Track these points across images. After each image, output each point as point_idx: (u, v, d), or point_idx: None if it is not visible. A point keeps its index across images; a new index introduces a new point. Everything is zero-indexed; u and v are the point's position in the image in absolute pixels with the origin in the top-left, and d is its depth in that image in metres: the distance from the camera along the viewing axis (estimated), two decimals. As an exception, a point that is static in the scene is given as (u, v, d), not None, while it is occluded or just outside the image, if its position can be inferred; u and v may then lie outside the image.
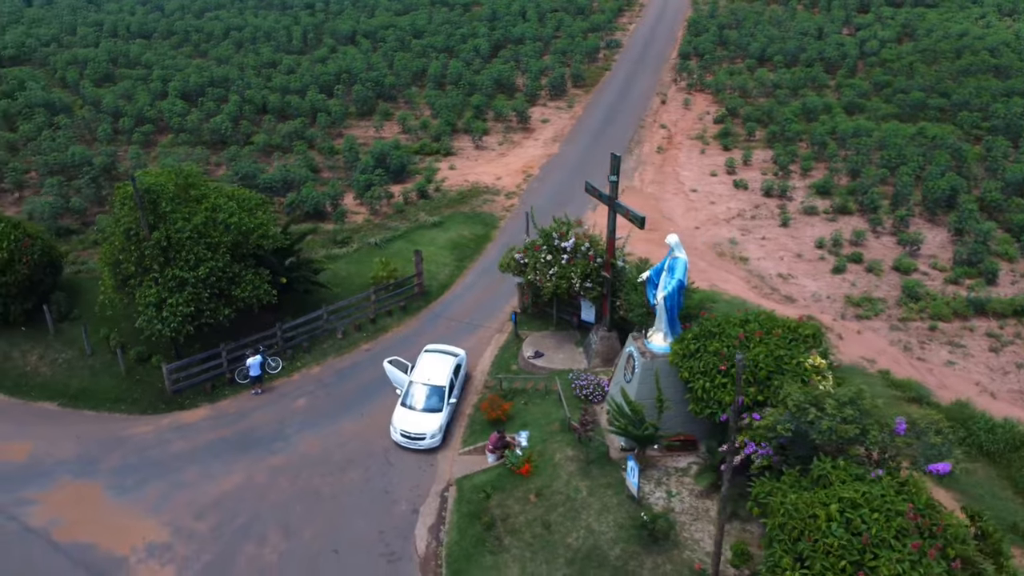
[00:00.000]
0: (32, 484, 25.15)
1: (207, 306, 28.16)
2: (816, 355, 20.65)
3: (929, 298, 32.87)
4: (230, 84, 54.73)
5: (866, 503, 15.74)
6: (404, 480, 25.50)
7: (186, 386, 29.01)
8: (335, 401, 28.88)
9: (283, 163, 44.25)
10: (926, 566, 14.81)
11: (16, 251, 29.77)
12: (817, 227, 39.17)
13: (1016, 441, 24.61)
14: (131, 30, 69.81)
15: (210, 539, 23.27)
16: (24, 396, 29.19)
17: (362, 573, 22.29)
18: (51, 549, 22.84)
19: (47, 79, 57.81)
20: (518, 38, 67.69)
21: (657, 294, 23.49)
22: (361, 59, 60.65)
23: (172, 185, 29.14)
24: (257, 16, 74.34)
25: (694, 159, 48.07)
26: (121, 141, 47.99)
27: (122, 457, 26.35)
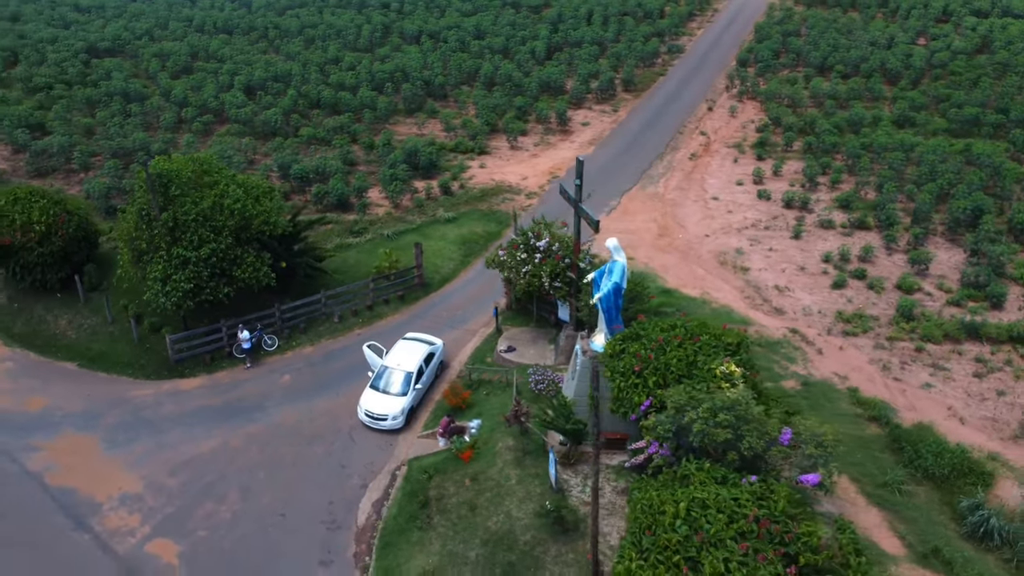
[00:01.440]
0: (39, 433, 28.18)
1: (207, 284, 30.63)
2: (730, 362, 21.04)
3: (924, 319, 32.11)
4: (290, 79, 57.89)
5: (715, 504, 16.28)
6: (362, 457, 27.20)
7: (187, 356, 31.62)
8: (318, 380, 30.88)
9: (320, 155, 46.70)
10: (752, 567, 15.27)
11: (54, 225, 33.11)
12: (830, 241, 38.61)
13: (963, 467, 24.22)
14: (216, 26, 74.42)
15: (177, 494, 25.60)
16: (50, 355, 32.46)
17: (302, 537, 24.10)
18: (41, 491, 25.67)
19: (132, 70, 62.53)
20: (576, 41, 68.48)
21: (593, 296, 24.20)
22: (419, 58, 62.86)
23: (188, 171, 31.79)
24: (333, 15, 77.71)
25: (725, 167, 47.88)
26: (184, 130, 51.67)
27: (120, 416, 29.11)
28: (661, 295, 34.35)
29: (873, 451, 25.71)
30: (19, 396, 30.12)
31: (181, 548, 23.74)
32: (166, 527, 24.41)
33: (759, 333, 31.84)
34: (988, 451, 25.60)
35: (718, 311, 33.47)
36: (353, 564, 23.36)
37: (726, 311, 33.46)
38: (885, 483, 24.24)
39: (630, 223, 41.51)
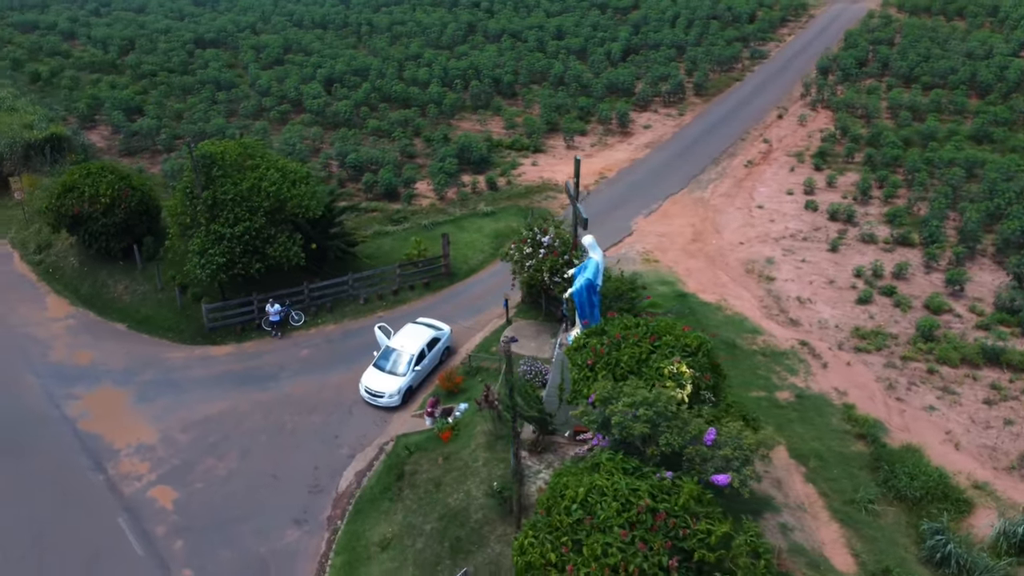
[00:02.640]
0: (81, 384, 31.28)
1: (240, 259, 33.06)
2: (681, 363, 21.29)
3: (944, 340, 30.96)
4: (367, 73, 60.60)
5: (611, 492, 16.84)
6: (356, 430, 28.87)
7: (220, 325, 34.19)
8: (334, 356, 32.79)
9: (379, 147, 48.90)
10: (631, 554, 15.79)
11: (118, 198, 36.41)
12: (868, 255, 37.52)
13: (938, 492, 23.57)
14: (314, 21, 78.45)
15: (185, 448, 28.00)
16: (106, 316, 35.77)
17: (285, 497, 25.96)
18: (72, 434, 28.63)
19: (229, 60, 66.93)
20: (655, 44, 68.34)
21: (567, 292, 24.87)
22: (493, 57, 64.40)
23: (234, 155, 34.36)
24: (424, 13, 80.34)
25: (779, 176, 47.04)
26: (263, 117, 55.07)
27: (153, 374, 31.91)
28: (676, 299, 34.56)
29: (852, 468, 25.28)
30: (73, 350, 33.44)
31: (178, 496, 26.04)
32: (169, 476, 26.80)
33: (766, 343, 31.57)
34: (976, 479, 24.71)
35: (731, 318, 33.35)
36: (325, 526, 25.01)
37: (739, 319, 33.30)
38: (853, 500, 23.86)
39: (666, 226, 41.58)
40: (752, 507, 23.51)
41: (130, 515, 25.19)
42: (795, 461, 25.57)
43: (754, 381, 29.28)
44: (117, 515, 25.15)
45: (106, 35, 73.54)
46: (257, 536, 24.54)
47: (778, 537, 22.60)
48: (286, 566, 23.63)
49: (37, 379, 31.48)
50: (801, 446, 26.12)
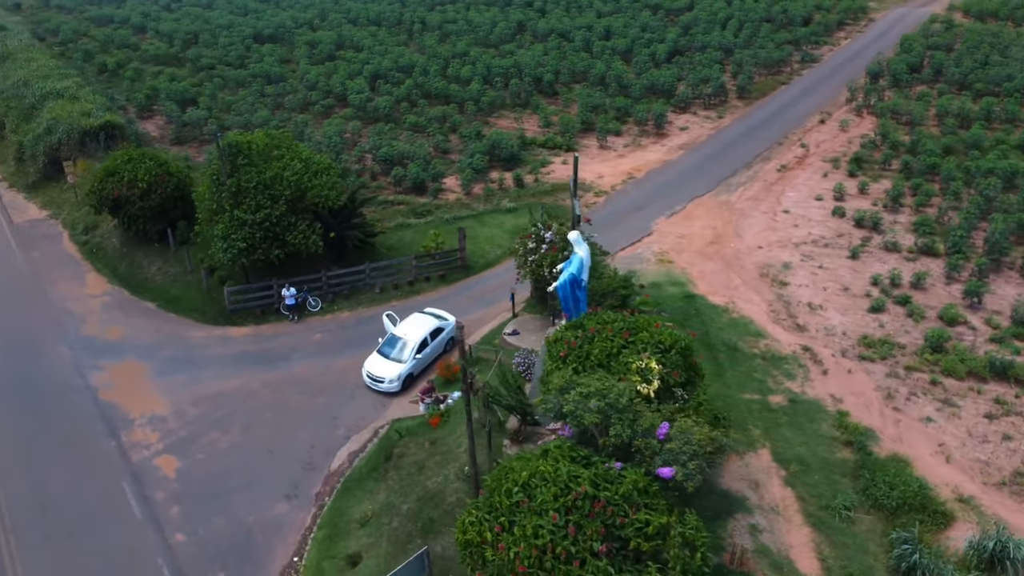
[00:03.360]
0: (108, 356, 33.20)
1: (260, 245, 34.53)
2: (650, 359, 21.57)
3: (953, 352, 30.28)
4: (412, 70, 61.92)
5: (552, 478, 17.33)
6: (355, 412, 29.95)
7: (241, 308, 35.74)
8: (345, 341, 33.95)
9: (413, 142, 50.05)
10: (560, 536, 16.27)
11: (155, 183, 38.39)
12: (889, 264, 36.82)
13: (916, 502, 23.25)
14: (368, 18, 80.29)
15: (192, 421, 29.52)
16: (138, 295, 37.76)
17: (279, 472, 27.17)
18: (92, 402, 30.47)
19: (284, 55, 69.16)
20: (703, 46, 67.84)
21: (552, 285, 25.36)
22: (538, 56, 64.98)
23: (261, 145, 35.88)
24: (477, 11, 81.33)
25: (812, 181, 46.35)
26: (309, 111, 56.88)
27: (174, 351, 33.63)
28: (684, 300, 34.64)
29: (834, 475, 25.08)
30: (105, 325, 35.47)
31: (180, 465, 27.53)
32: (175, 447, 28.32)
33: (768, 347, 31.40)
34: (962, 493, 24.22)
35: (736, 321, 33.26)
36: (313, 501, 26.11)
37: (745, 322, 33.18)
38: (829, 506, 23.72)
39: (687, 228, 41.54)
40: (725, 507, 23.77)
41: (134, 480, 26.75)
42: (777, 464, 25.48)
43: (749, 384, 29.20)
44: (122, 479, 26.74)
45: (173, 29, 76.79)
46: (248, 506, 25.78)
47: (746, 537, 22.70)
48: (271, 536, 24.78)
49: (69, 350, 33.53)
50: (786, 450, 26.01)
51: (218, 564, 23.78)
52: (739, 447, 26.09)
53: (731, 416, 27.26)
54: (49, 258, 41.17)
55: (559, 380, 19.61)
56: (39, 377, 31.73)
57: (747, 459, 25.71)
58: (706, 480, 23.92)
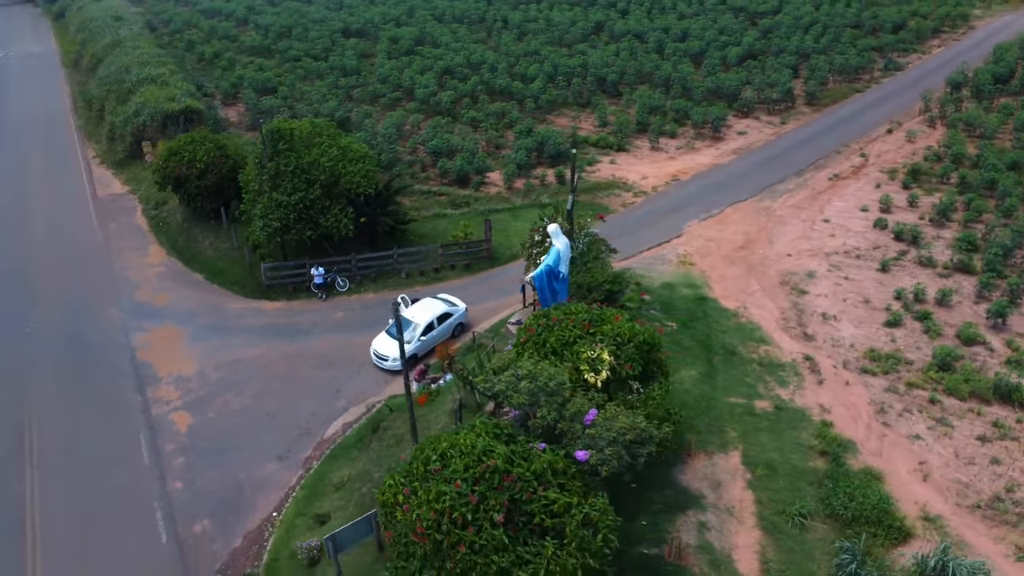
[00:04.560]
0: (151, 320, 36.23)
1: (294, 225, 36.84)
2: (603, 349, 22.22)
3: (960, 371, 29.29)
4: (480, 67, 63.59)
5: (468, 450, 18.36)
6: (358, 386, 31.70)
7: (276, 284, 38.17)
8: (364, 321, 35.77)
9: (465, 136, 51.62)
10: (460, 503, 17.30)
11: (211, 164, 41.42)
12: (920, 279, 35.68)
13: (871, 515, 22.98)
14: (454, 16, 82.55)
15: (212, 383, 32.00)
16: (190, 267, 40.81)
17: (276, 435, 29.20)
18: (129, 360, 33.42)
19: (365, 49, 72.17)
20: (779, 50, 66.55)
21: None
22: (608, 56, 65.43)
23: (305, 131, 38.21)
24: (559, 11, 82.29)
25: (862, 192, 45.14)
26: (377, 104, 59.40)
27: (210, 319, 36.34)
28: (694, 302, 34.76)
29: (801, 482, 24.95)
30: (155, 292, 38.63)
31: (192, 421, 29.97)
32: (192, 405, 30.82)
33: (767, 353, 31.23)
34: (930, 512, 23.67)
35: (742, 326, 33.16)
36: (301, 464, 27.97)
37: (751, 327, 33.04)
38: (784, 512, 23.69)
39: (719, 232, 41.38)
40: (679, 503, 24.18)
41: (150, 432, 29.36)
42: (744, 467, 25.53)
43: (737, 388, 29.21)
44: (140, 431, 29.39)
45: (270, 23, 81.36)
46: (243, 464, 27.89)
47: (692, 534, 23.05)
48: (257, 492, 26.77)
49: (120, 312, 36.77)
50: (757, 454, 26.00)
51: (206, 512, 25.95)
52: (709, 447, 26.29)
53: (709, 418, 27.53)
54: (122, 229, 44.94)
55: (498, 362, 20.58)
56: (89, 335, 35.01)
57: (715, 459, 25.88)
58: (666, 475, 24.59)
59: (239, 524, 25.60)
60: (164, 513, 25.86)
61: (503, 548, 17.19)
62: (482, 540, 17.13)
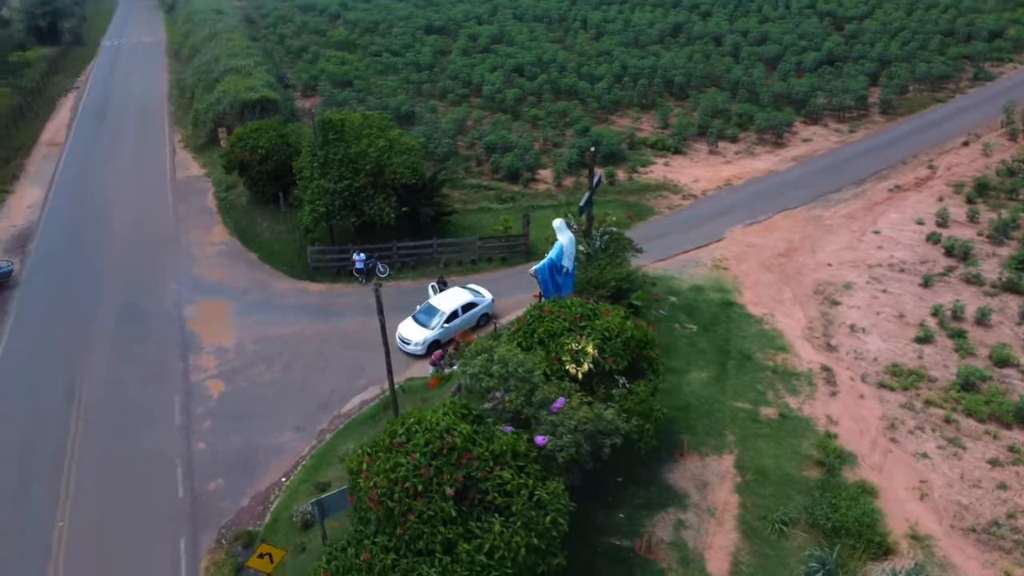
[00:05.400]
0: (204, 295, 38.69)
1: (339, 212, 38.64)
2: (587, 343, 22.74)
3: (987, 393, 28.23)
4: (548, 66, 64.35)
5: (432, 427, 19.30)
6: (380, 367, 32.35)
7: (321, 267, 40.09)
8: (398, 306, 36.90)
9: (521, 134, 52.53)
10: (414, 475, 18.25)
11: (272, 151, 43.79)
12: (964, 296, 34.39)
13: (852, 528, 22.67)
14: (535, 15, 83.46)
15: (248, 355, 34.05)
16: (247, 247, 43.26)
17: (299, 407, 30.87)
18: (178, 329, 35.89)
19: (443, 46, 73.98)
20: (860, 56, 64.58)
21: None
22: (682, 58, 65.04)
23: (357, 123, 40.01)
24: (642, 12, 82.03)
25: (922, 205, 43.61)
26: (446, 100, 61.01)
27: (257, 296, 38.55)
28: (719, 306, 34.65)
29: (791, 490, 24.75)
30: (213, 268, 41.20)
31: (225, 389, 32.03)
32: (226, 374, 32.92)
33: (784, 361, 30.88)
34: (919, 531, 23.12)
35: (764, 332, 32.86)
36: (315, 435, 29.52)
37: (773, 335, 32.70)
38: (766, 517, 23.61)
39: (762, 238, 40.87)
40: (661, 500, 24.50)
41: (185, 396, 31.57)
42: (736, 471, 25.52)
43: (746, 393, 29.06)
44: (176, 394, 31.65)
45: (358, 18, 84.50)
46: (263, 431, 29.66)
47: (668, 531, 23.33)
48: (271, 458, 28.47)
49: (177, 286, 39.43)
50: (751, 459, 25.92)
51: (222, 472, 27.83)
52: (703, 449, 26.38)
53: (710, 420, 27.60)
54: (192, 210, 47.98)
55: (475, 346, 21.43)
56: (146, 305, 37.72)
57: (707, 461, 25.96)
58: (654, 472, 24.99)
59: (249, 486, 27.33)
60: (184, 470, 27.86)
61: (451, 520, 18.04)
62: (431, 511, 18.03)
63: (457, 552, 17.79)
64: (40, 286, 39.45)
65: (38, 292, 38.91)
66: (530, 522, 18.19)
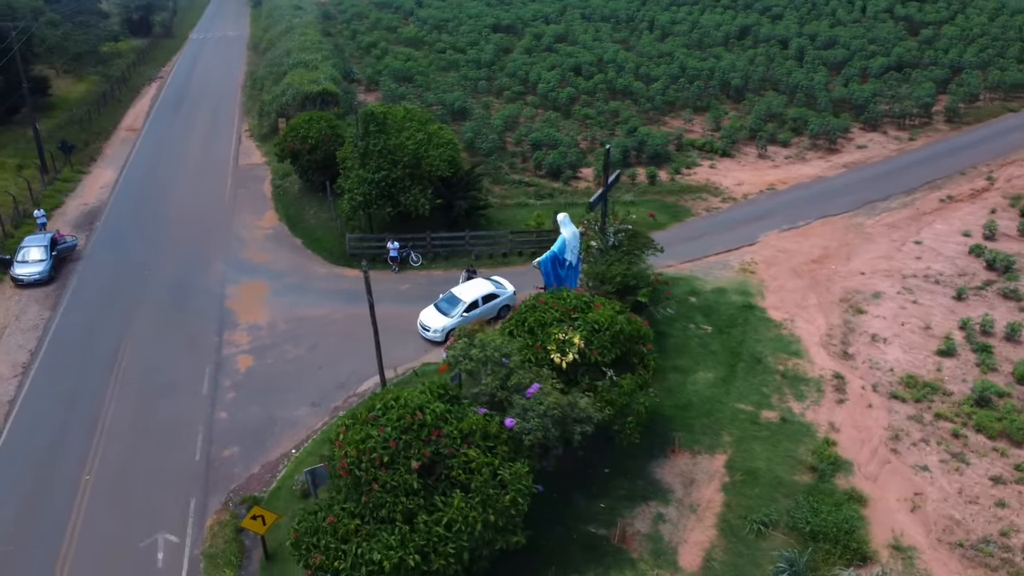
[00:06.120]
0: (247, 275, 40.70)
1: (376, 201, 40.08)
2: (574, 333, 23.27)
3: (1002, 409, 27.40)
4: (604, 65, 64.60)
5: (406, 404, 20.24)
6: (399, 351, 34.12)
7: (358, 253, 41.56)
8: (425, 294, 38.26)
9: (567, 132, 53.05)
10: (381, 445, 19.20)
11: (321, 141, 45.61)
12: (998, 310, 33.31)
13: (831, 533, 22.55)
14: (602, 15, 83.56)
15: (278, 333, 35.77)
16: (293, 232, 45.20)
17: (316, 384, 32.34)
18: (218, 306, 37.95)
19: (507, 44, 74.93)
20: (931, 62, 62.49)
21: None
22: (745, 61, 64.30)
23: (399, 116, 41.42)
24: (711, 14, 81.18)
25: (971, 216, 42.20)
26: (502, 97, 61.99)
27: (295, 279, 40.34)
28: (739, 309, 34.58)
29: (777, 493, 24.70)
30: (259, 251, 43.28)
31: (252, 364, 33.78)
32: (256, 350, 34.69)
33: (796, 367, 30.63)
34: (902, 542, 22.77)
35: (781, 337, 32.62)
36: (329, 412, 30.87)
37: (789, 340, 32.43)
38: (747, 517, 23.65)
39: (796, 244, 40.36)
40: (645, 493, 24.87)
41: (215, 368, 33.46)
42: (725, 471, 25.60)
43: (750, 395, 28.99)
44: (207, 365, 33.58)
45: (429, 15, 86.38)
46: (281, 405, 31.21)
47: (646, 523, 23.67)
48: (285, 430, 29.95)
49: (224, 266, 41.59)
50: (743, 461, 25.94)
51: (237, 440, 29.46)
52: (696, 447, 26.53)
53: (709, 420, 27.74)
54: (249, 195, 50.36)
55: (459, 331, 22.25)
56: (192, 283, 39.95)
57: (699, 459, 26.12)
58: (643, 466, 25.46)
59: (261, 455, 28.88)
60: (204, 436, 29.63)
61: (413, 492, 18.94)
62: (394, 481, 18.97)
63: (416, 522, 18.65)
64: (100, 260, 42.26)
65: (98, 265, 41.70)
66: (488, 499, 18.91)
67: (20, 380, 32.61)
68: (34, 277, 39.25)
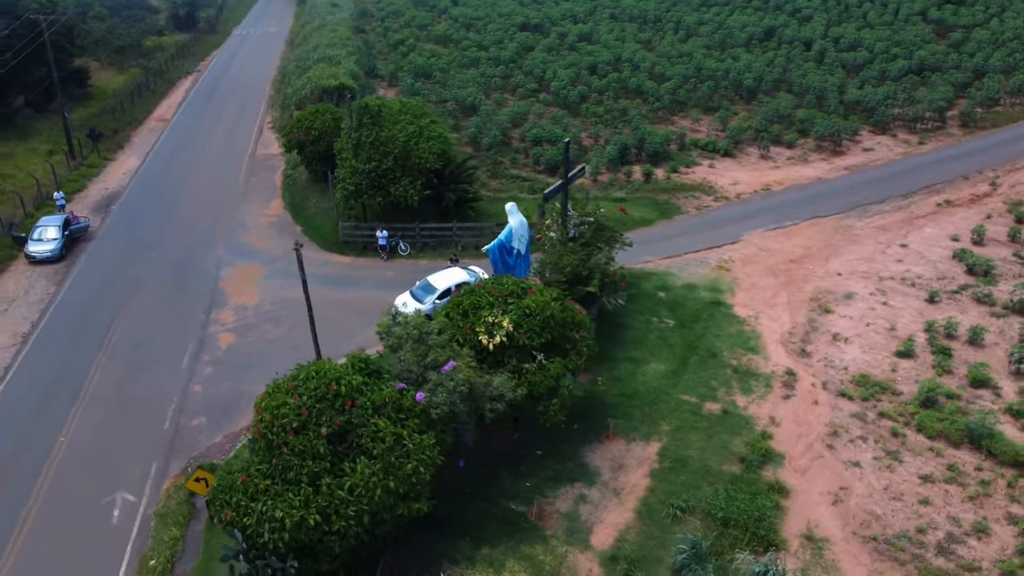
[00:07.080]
0: (243, 258, 42.53)
1: (366, 191, 41.50)
2: (504, 317, 24.16)
3: (946, 411, 27.32)
4: (620, 65, 65.00)
5: (324, 376, 21.43)
6: (370, 333, 35.15)
7: (351, 241, 43.11)
8: (408, 282, 39.49)
9: (566, 128, 53.71)
10: (295, 412, 20.41)
11: (325, 133, 47.25)
12: (970, 315, 33.00)
13: (740, 520, 23.08)
14: (631, 16, 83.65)
15: (262, 314, 37.46)
16: (295, 219, 47.02)
17: (290, 361, 32.89)
18: (213, 286, 39.84)
19: (530, 43, 75.77)
20: (954, 65, 61.29)
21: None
22: (763, 62, 64.01)
23: (394, 109, 42.77)
24: (740, 15, 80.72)
25: (965, 221, 41.56)
26: (517, 94, 62.95)
27: (288, 264, 41.41)
28: (707, 305, 34.91)
29: (703, 481, 25.19)
30: (259, 237, 45.17)
31: (233, 342, 35.51)
32: (239, 329, 36.42)
33: (748, 362, 30.93)
34: (817, 534, 23.08)
35: (742, 333, 32.93)
36: (296, 389, 32.33)
37: (749, 336, 32.72)
38: (667, 502, 24.22)
39: (779, 243, 40.42)
40: (572, 475, 25.65)
41: (197, 345, 35.25)
42: (657, 458, 26.17)
43: (697, 388, 29.44)
44: (191, 342, 35.39)
45: (461, 14, 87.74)
46: (252, 380, 32.52)
47: (567, 503, 24.44)
48: (251, 403, 31.21)
49: (224, 250, 43.55)
50: (677, 449, 26.45)
51: (206, 411, 31.15)
52: (632, 434, 27.14)
53: (650, 409, 28.30)
54: (259, 184, 52.42)
55: (386, 311, 23.35)
56: (192, 265, 41.96)
57: (632, 446, 26.73)
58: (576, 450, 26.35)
59: (227, 425, 30.50)
60: (176, 407, 31.39)
61: (320, 456, 20.11)
62: (302, 446, 20.16)
63: (320, 485, 19.82)
64: (111, 241, 44.66)
65: (107, 246, 44.08)
66: (391, 467, 19.96)
67: (18, 349, 34.91)
68: (46, 255, 41.76)
